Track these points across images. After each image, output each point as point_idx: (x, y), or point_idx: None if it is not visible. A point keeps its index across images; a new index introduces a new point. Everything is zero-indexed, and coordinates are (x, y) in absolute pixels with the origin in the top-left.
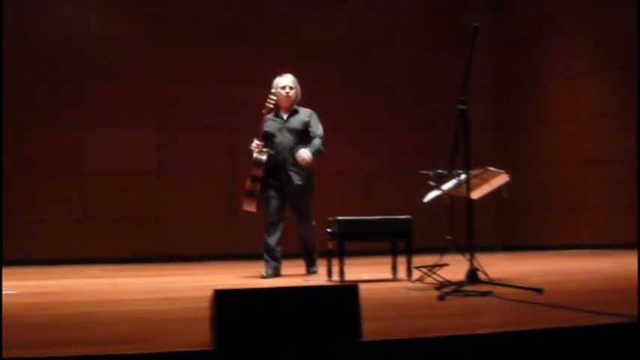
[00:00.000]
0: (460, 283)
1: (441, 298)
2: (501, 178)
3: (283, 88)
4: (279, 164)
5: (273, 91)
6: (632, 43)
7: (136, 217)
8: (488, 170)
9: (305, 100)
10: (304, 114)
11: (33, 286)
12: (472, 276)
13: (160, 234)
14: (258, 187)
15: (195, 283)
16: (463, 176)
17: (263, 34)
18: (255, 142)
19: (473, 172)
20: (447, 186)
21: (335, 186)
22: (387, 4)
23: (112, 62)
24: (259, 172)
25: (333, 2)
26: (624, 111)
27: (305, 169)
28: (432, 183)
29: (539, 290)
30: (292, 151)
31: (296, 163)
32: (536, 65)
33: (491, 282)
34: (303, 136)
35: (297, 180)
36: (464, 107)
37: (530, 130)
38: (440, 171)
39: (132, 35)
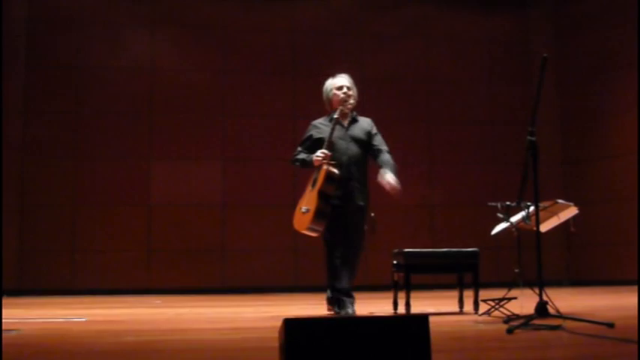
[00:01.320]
0: (529, 317)
1: (509, 331)
2: (570, 211)
3: (340, 88)
4: (341, 180)
5: (329, 95)
6: None
7: (201, 249)
8: (557, 203)
9: None
10: (366, 123)
11: (100, 315)
12: (541, 309)
13: (225, 265)
14: (330, 207)
15: (260, 314)
16: (532, 208)
17: (327, 67)
18: (322, 152)
19: (542, 205)
20: (515, 218)
21: (401, 219)
22: (451, 38)
23: (179, 94)
24: (331, 190)
25: (398, 36)
26: None
27: (366, 189)
28: (500, 215)
29: (610, 325)
30: (358, 165)
31: (362, 180)
32: (604, 97)
33: (561, 316)
34: (365, 148)
35: (360, 200)
36: (533, 139)
37: (599, 163)
38: (508, 203)
39: (198, 68)
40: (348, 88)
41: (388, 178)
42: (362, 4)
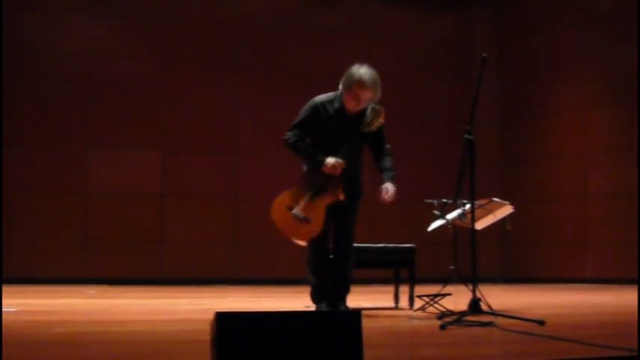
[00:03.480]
0: (462, 313)
1: (442, 327)
2: (506, 210)
3: (359, 87)
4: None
5: (349, 87)
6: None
7: (138, 239)
8: (493, 201)
9: None
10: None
11: (33, 305)
12: (474, 306)
13: (162, 256)
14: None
15: (195, 306)
16: (468, 206)
17: (271, 59)
18: (339, 163)
19: (478, 203)
20: (451, 215)
21: None
22: (396, 35)
23: (119, 83)
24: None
25: (342, 31)
26: (630, 146)
27: (360, 183)
28: (436, 212)
29: (540, 322)
30: (357, 159)
31: (358, 175)
32: (543, 98)
33: (493, 313)
34: (367, 140)
35: (355, 198)
36: (471, 137)
37: (536, 163)
38: (445, 200)
39: (140, 57)
40: (366, 91)
41: (390, 194)
42: None
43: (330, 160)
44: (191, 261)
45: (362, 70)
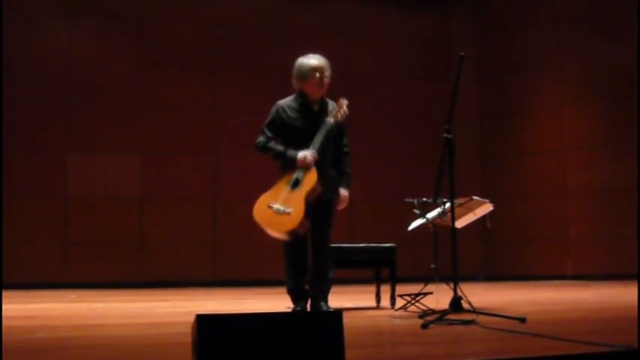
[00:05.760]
0: (443, 312)
1: (424, 326)
2: (485, 208)
3: (315, 70)
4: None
5: (304, 73)
6: (616, 75)
7: (118, 242)
8: (473, 199)
9: None
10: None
11: (13, 310)
12: (456, 305)
13: (143, 260)
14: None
15: (176, 309)
16: (448, 205)
17: (249, 61)
18: (313, 154)
19: (457, 201)
20: (431, 214)
21: None
22: (376, 35)
23: (98, 86)
24: (312, 198)
25: (321, 32)
26: (608, 143)
27: (335, 178)
28: (416, 211)
29: (522, 319)
30: (328, 153)
31: (330, 169)
32: (521, 96)
33: (474, 311)
34: (334, 135)
35: (330, 192)
36: (449, 136)
37: (515, 161)
38: (425, 199)
39: (118, 59)
40: (323, 71)
41: (343, 199)
42: None
43: (302, 153)
44: (171, 264)
45: (308, 57)
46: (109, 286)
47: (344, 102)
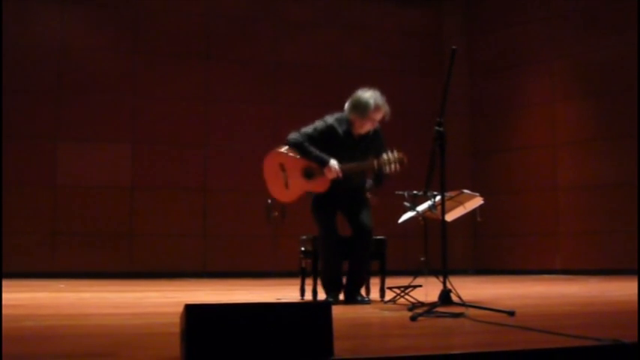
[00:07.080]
0: (433, 305)
1: (413, 318)
2: (476, 201)
3: (376, 114)
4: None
5: (363, 114)
6: (607, 71)
7: (108, 232)
8: (463, 193)
9: (278, 118)
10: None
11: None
12: (445, 297)
13: (132, 249)
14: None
15: (165, 299)
16: (438, 198)
17: (241, 51)
18: (337, 172)
19: (448, 195)
20: (421, 207)
21: (308, 206)
22: (367, 28)
23: (89, 75)
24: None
25: (312, 24)
26: (598, 138)
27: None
28: (406, 204)
29: (510, 313)
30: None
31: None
32: (513, 91)
33: (463, 304)
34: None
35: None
36: (441, 129)
37: (506, 155)
38: (415, 192)
39: (109, 49)
40: (382, 115)
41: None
42: None
43: (334, 164)
44: (161, 254)
45: (369, 95)
46: (98, 275)
47: (401, 158)
